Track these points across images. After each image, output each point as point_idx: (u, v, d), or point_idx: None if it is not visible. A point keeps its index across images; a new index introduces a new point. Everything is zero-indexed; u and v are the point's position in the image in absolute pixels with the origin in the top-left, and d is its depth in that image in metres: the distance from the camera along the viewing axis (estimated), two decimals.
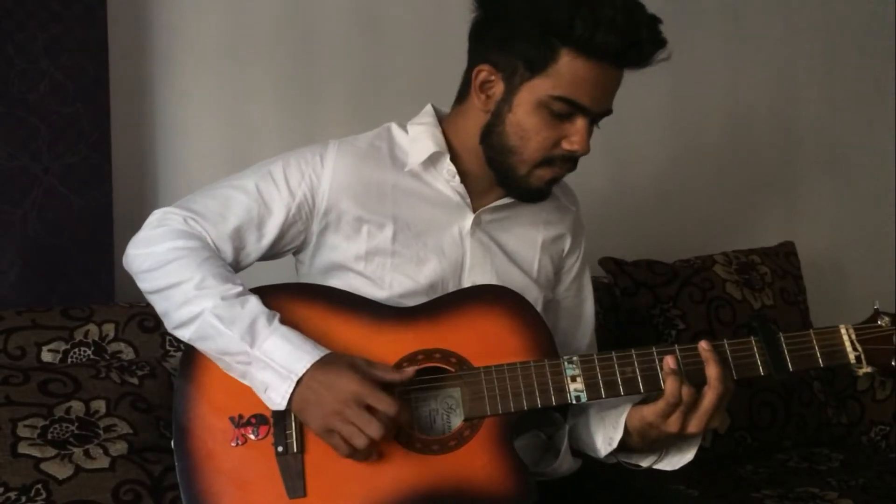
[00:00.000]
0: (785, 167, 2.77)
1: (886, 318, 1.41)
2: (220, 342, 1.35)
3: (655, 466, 1.45)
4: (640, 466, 1.45)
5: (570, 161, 1.46)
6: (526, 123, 1.42)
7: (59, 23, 1.87)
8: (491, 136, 1.46)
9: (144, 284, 1.43)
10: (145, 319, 1.86)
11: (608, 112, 1.45)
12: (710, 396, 1.35)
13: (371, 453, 1.33)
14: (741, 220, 2.71)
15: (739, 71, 2.68)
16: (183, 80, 2.12)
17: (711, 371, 1.36)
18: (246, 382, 1.37)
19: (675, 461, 1.44)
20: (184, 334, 1.39)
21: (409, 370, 1.37)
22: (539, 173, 1.46)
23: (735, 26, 2.67)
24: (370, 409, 1.31)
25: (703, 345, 1.38)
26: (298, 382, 1.32)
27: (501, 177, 1.48)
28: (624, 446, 1.43)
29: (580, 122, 1.41)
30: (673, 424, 1.35)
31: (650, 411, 1.36)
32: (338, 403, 1.30)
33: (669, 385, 1.35)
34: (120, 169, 1.99)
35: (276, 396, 1.33)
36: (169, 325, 1.42)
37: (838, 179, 2.83)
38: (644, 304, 2.25)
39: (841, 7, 2.77)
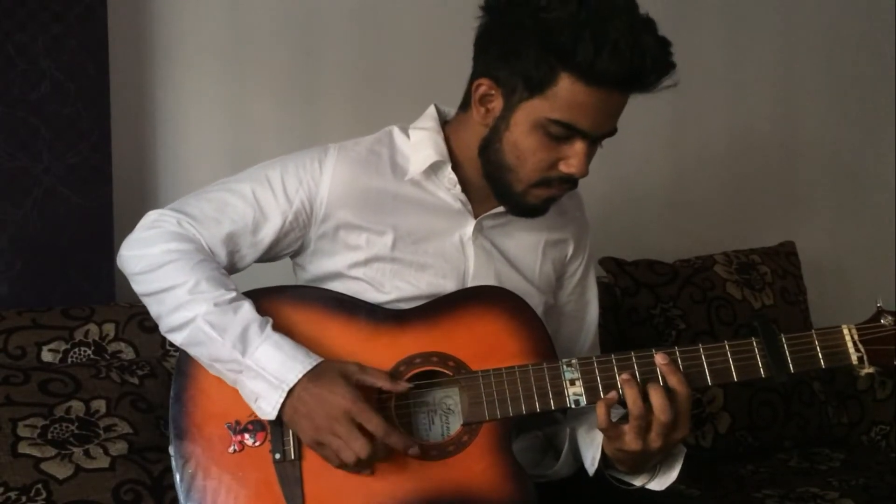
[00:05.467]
0: (785, 167, 2.76)
1: (890, 318, 1.38)
2: (212, 349, 1.33)
3: (648, 486, 1.39)
4: (633, 485, 1.40)
5: (569, 182, 1.41)
6: (522, 144, 1.37)
7: (59, 23, 1.87)
8: (488, 151, 1.41)
9: (138, 287, 1.42)
10: (145, 319, 1.85)
11: (611, 133, 1.40)
12: (657, 420, 1.31)
13: (364, 467, 1.32)
14: (741, 219, 2.70)
15: (740, 73, 2.67)
16: (183, 81, 2.12)
17: (655, 399, 1.31)
18: (238, 390, 1.35)
19: (662, 481, 1.39)
20: (176, 339, 1.38)
21: (404, 385, 1.35)
22: (536, 192, 1.42)
23: (737, 28, 2.66)
24: (360, 427, 1.30)
25: (658, 359, 1.34)
26: (290, 393, 1.30)
27: (497, 192, 1.44)
28: (612, 465, 1.40)
29: (579, 145, 1.36)
30: (633, 442, 1.31)
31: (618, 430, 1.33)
32: (328, 418, 1.29)
33: (629, 397, 1.31)
34: (120, 169, 1.99)
35: (267, 406, 1.31)
36: (162, 328, 1.40)
37: (838, 179, 2.82)
38: (644, 303, 2.25)
39: (841, 13, 2.76)
